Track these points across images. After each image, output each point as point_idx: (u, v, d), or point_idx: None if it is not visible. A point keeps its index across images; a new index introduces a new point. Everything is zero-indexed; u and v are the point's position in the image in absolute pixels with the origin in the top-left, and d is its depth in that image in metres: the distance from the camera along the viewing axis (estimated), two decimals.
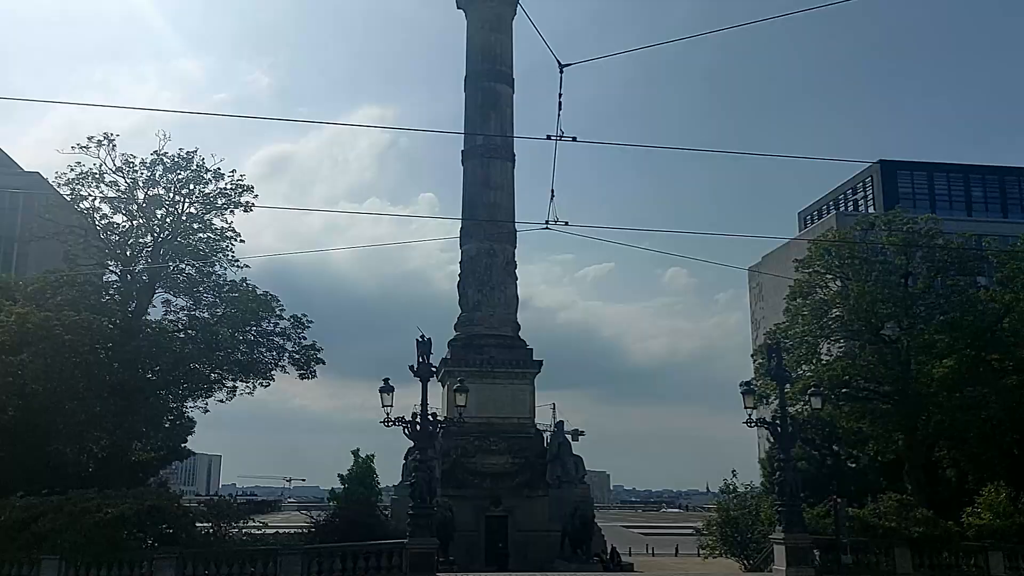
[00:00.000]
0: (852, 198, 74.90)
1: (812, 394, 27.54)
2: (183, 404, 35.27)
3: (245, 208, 33.98)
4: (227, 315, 33.44)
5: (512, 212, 37.98)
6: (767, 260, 70.30)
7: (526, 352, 36.24)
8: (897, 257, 36.22)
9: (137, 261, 33.41)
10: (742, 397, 25.26)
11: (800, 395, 32.18)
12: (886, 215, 39.40)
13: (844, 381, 35.12)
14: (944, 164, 73.80)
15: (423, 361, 24.21)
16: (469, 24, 40.38)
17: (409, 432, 23.88)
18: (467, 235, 37.61)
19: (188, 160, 33.57)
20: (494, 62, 39.22)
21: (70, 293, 30.81)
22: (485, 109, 38.60)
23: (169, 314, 34.03)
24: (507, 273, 37.23)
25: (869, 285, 34.88)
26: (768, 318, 63.57)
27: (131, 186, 33.17)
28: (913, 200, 65.80)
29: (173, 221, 33.45)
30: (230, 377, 33.99)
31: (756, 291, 79.03)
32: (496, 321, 36.39)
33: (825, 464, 37.21)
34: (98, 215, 33.28)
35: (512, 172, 38.62)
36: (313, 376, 35.20)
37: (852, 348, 36.62)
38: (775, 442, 26.22)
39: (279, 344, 34.25)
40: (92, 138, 32.90)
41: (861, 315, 34.95)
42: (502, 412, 34.52)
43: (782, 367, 26.60)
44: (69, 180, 32.97)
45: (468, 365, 34.18)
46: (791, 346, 35.68)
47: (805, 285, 37.32)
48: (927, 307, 35.60)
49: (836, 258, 36.95)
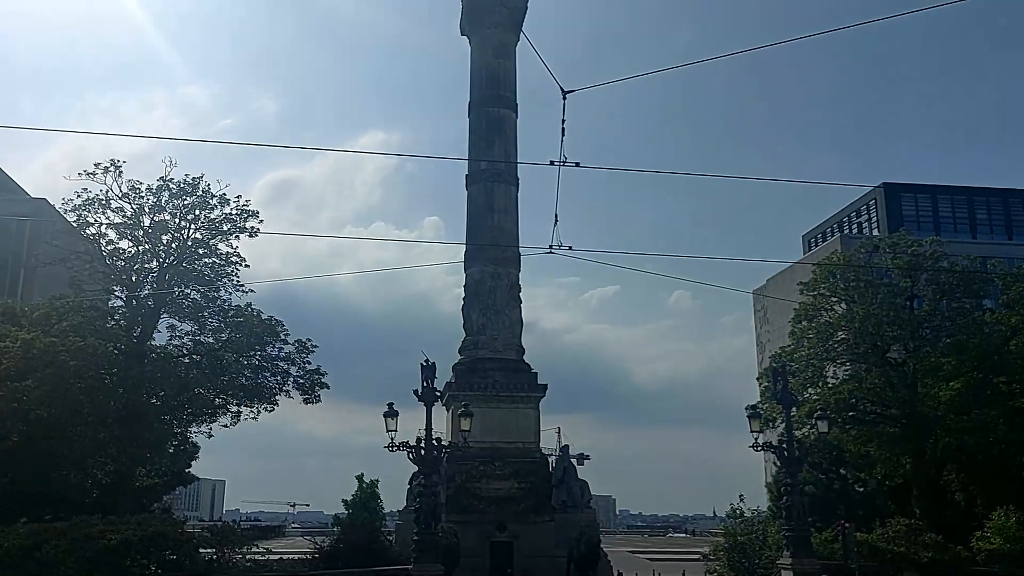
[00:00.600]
0: (856, 221, 74.97)
1: (819, 417, 27.42)
2: (187, 429, 35.29)
3: (250, 233, 34.16)
4: (232, 340, 33.50)
5: (516, 236, 38.09)
6: (772, 283, 70.26)
7: (531, 376, 36.17)
8: (902, 279, 36.19)
9: (142, 286, 33.54)
10: (748, 421, 25.17)
11: (806, 418, 32.04)
12: (890, 238, 39.41)
13: (851, 404, 34.97)
14: (948, 187, 73.89)
15: (427, 386, 24.19)
16: (473, 50, 40.74)
17: (413, 457, 23.82)
18: (471, 259, 37.71)
19: (194, 186, 33.80)
20: (498, 88, 39.52)
21: (76, 318, 30.91)
22: (489, 134, 38.84)
23: (174, 339, 34.13)
24: (511, 296, 37.26)
25: (874, 308, 34.82)
26: (773, 341, 63.42)
27: (137, 212, 33.38)
28: (917, 222, 65.83)
29: (179, 246, 33.62)
30: (234, 402, 34.00)
31: (761, 314, 78.90)
32: (500, 345, 36.36)
33: (832, 488, 36.94)
34: (104, 241, 33.47)
35: (516, 196, 38.78)
36: (317, 401, 35.18)
37: (858, 371, 36.49)
38: (782, 466, 26.07)
39: (283, 369, 34.27)
40: (99, 165, 33.19)
41: (867, 338, 34.88)
42: (507, 436, 34.39)
43: (788, 391, 26.51)
44: (75, 206, 33.20)
45: (472, 389, 34.10)
46: (797, 369, 35.56)
47: (810, 308, 37.29)
48: (933, 329, 35.52)
49: (841, 281, 36.94)
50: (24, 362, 27.79)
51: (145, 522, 24.10)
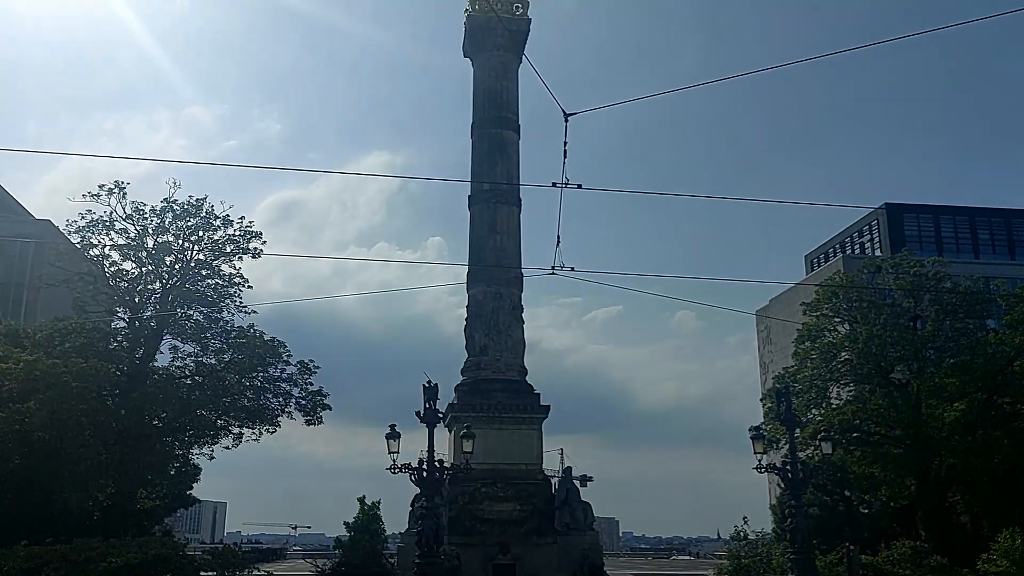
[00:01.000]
0: (858, 241, 74.98)
1: (823, 439, 27.28)
2: (189, 451, 35.20)
3: (253, 254, 34.26)
4: (234, 361, 33.47)
5: (518, 256, 38.16)
6: (774, 303, 70.18)
7: (533, 397, 36.08)
8: (905, 300, 36.13)
9: (145, 308, 33.58)
10: (751, 443, 25.07)
11: (810, 440, 31.88)
12: (893, 258, 39.38)
13: (854, 425, 34.82)
14: (950, 206, 73.93)
15: (429, 407, 24.11)
16: (476, 72, 41.01)
17: (415, 479, 23.70)
18: (474, 279, 37.73)
19: (197, 207, 33.93)
20: (500, 109, 39.74)
21: (78, 340, 30.91)
22: (492, 155, 39.01)
23: (176, 360, 34.10)
24: (514, 317, 37.25)
25: (878, 328, 34.75)
26: (777, 361, 63.23)
27: (141, 233, 33.48)
28: (920, 243, 65.82)
29: (182, 267, 33.69)
30: (236, 423, 33.92)
31: (764, 334, 78.72)
32: (503, 365, 36.31)
33: (837, 510, 36.70)
34: (107, 262, 33.57)
35: (518, 217, 38.88)
36: (320, 422, 35.09)
37: (862, 392, 36.36)
38: (786, 488, 25.92)
39: (286, 390, 34.21)
40: (103, 186, 33.34)
41: (870, 358, 34.77)
42: (509, 458, 34.27)
43: (791, 412, 26.41)
44: (79, 228, 33.33)
45: (475, 410, 34.03)
46: (800, 390, 35.43)
47: (813, 328, 37.21)
48: (937, 350, 35.41)
49: (844, 301, 36.88)
50: (26, 383, 27.78)
51: (146, 545, 24.00)
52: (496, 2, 39.48)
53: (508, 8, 40.14)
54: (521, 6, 40.61)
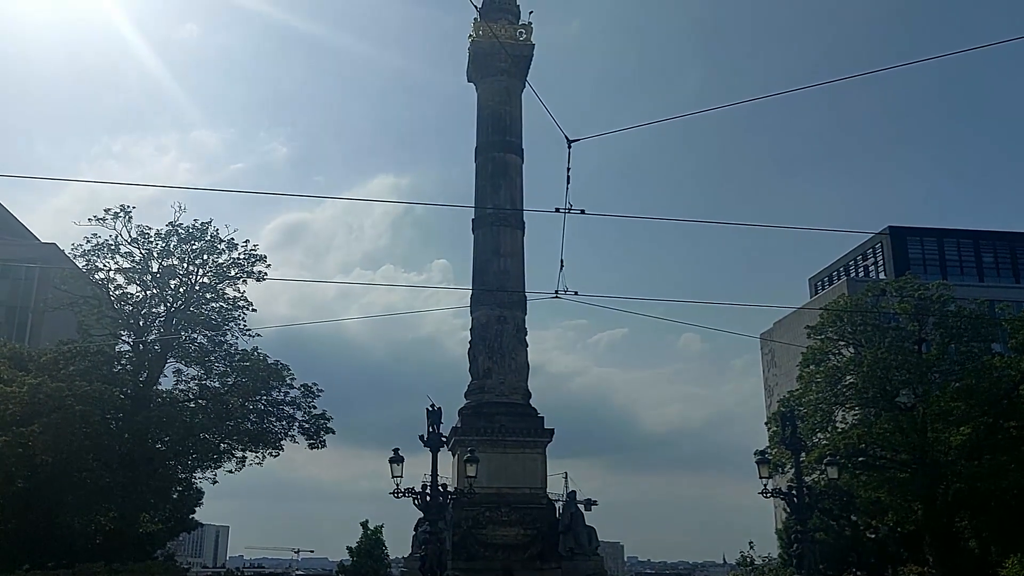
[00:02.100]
0: (862, 264, 74.89)
1: (828, 463, 27.14)
2: (192, 475, 35.07)
3: (258, 278, 34.37)
4: (238, 384, 33.47)
5: (522, 279, 38.21)
6: (779, 326, 70.00)
7: (537, 420, 35.97)
8: (910, 323, 36.05)
9: (150, 331, 33.64)
10: (757, 467, 24.93)
11: (816, 464, 31.71)
12: (897, 281, 39.33)
13: (860, 449, 34.61)
14: (954, 230, 73.87)
15: (433, 431, 24.07)
16: (479, 96, 41.31)
17: (419, 503, 23.61)
18: (477, 302, 37.75)
19: (202, 231, 34.09)
20: (503, 133, 39.97)
21: (82, 363, 30.96)
22: (495, 179, 39.18)
23: (180, 383, 34.13)
24: (518, 340, 37.22)
25: (882, 352, 34.64)
26: (781, 384, 62.99)
27: (146, 257, 33.62)
28: (924, 266, 65.69)
29: (186, 291, 33.78)
30: (239, 447, 33.84)
31: (768, 357, 78.47)
32: (507, 389, 36.23)
33: (843, 535, 36.40)
34: (112, 285, 33.68)
35: (522, 240, 38.97)
36: (323, 446, 35.01)
37: (867, 415, 36.18)
38: (792, 512, 25.74)
39: (289, 413, 34.19)
40: (109, 210, 33.52)
41: (875, 382, 34.64)
42: (513, 482, 34.10)
43: (797, 436, 26.28)
44: (85, 251, 33.50)
45: (479, 434, 33.92)
46: (805, 413, 35.30)
47: (818, 352, 37.12)
48: (942, 374, 35.27)
49: (848, 324, 36.82)
50: (30, 407, 27.80)
51: (148, 569, 23.92)
52: (499, 29, 39.82)
53: (511, 34, 40.48)
54: (524, 32, 40.95)
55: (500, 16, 41.00)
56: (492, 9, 41.28)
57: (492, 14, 40.87)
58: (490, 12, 41.01)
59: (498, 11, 41.29)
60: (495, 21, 40.30)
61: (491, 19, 40.43)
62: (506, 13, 41.55)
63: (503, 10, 41.55)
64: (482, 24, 40.30)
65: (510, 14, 41.72)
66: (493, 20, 40.32)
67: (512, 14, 41.80)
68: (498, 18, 40.78)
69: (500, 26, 40.16)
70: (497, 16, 40.87)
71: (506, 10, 41.69)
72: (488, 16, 40.62)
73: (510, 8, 41.98)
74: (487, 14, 40.77)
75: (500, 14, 41.15)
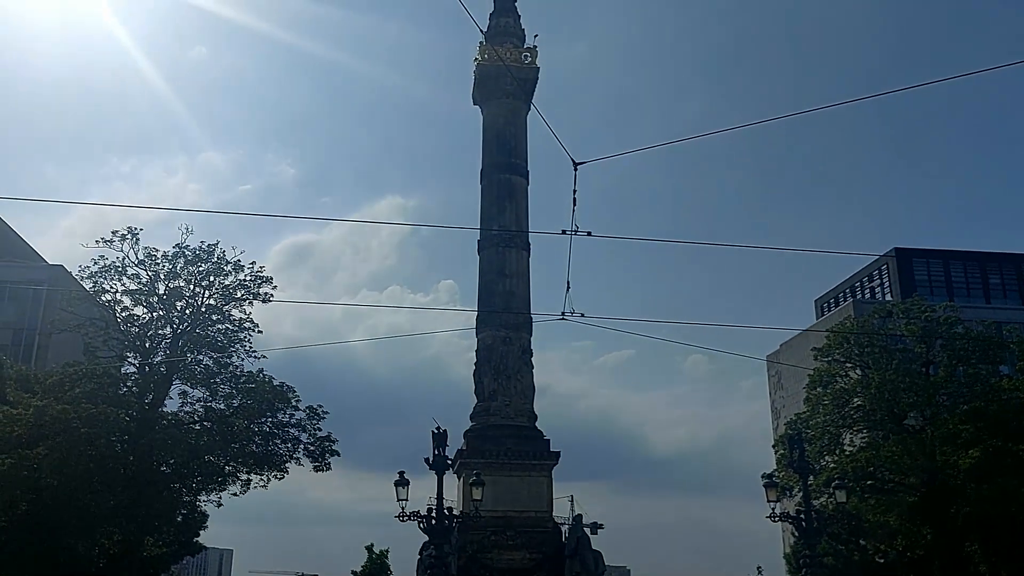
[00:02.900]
0: (868, 286, 74.75)
1: (837, 487, 26.95)
2: (196, 497, 34.93)
3: (264, 299, 34.42)
4: (243, 406, 33.41)
5: (528, 301, 38.18)
6: (785, 348, 69.77)
7: (543, 443, 35.81)
8: (917, 345, 35.94)
9: (156, 353, 33.66)
10: (764, 490, 24.77)
11: (824, 487, 31.50)
12: (904, 303, 39.28)
13: (869, 472, 34.41)
14: (960, 251, 73.77)
15: (438, 454, 24.01)
16: (485, 119, 41.53)
17: (424, 527, 23.50)
18: (483, 323, 37.72)
19: (209, 252, 34.19)
20: (509, 155, 40.13)
21: (88, 385, 30.95)
22: (500, 200, 39.30)
23: (185, 405, 34.04)
24: (523, 362, 37.14)
25: (890, 374, 34.51)
26: (788, 407, 62.71)
27: (152, 279, 33.69)
28: (930, 287, 65.53)
29: (192, 313, 33.83)
30: (244, 470, 33.72)
31: (775, 379, 78.15)
32: (512, 411, 36.10)
33: (852, 560, 36.07)
34: (119, 307, 33.73)
35: (528, 261, 39.00)
36: (328, 468, 34.84)
37: (875, 438, 35.99)
38: (800, 537, 25.54)
39: (294, 436, 34.06)
40: (116, 232, 33.65)
41: (883, 404, 34.49)
42: (519, 505, 33.89)
43: (804, 459, 26.16)
44: (92, 273, 33.59)
45: (484, 457, 33.77)
46: (813, 436, 35.12)
47: (825, 374, 37.01)
48: (950, 396, 35.12)
49: (855, 346, 36.72)
50: (36, 429, 27.79)
51: None
52: (505, 52, 40.11)
53: (516, 57, 40.76)
54: (529, 56, 41.23)
55: (505, 40, 41.31)
56: (497, 33, 41.60)
57: (497, 38, 41.18)
58: (495, 36, 41.32)
59: (503, 35, 41.60)
60: (500, 44, 40.60)
61: (496, 43, 40.73)
62: (511, 37, 41.87)
63: (508, 34, 41.87)
64: (487, 48, 40.60)
65: (515, 37, 42.04)
66: (498, 44, 40.62)
67: (517, 37, 42.11)
68: (503, 42, 41.08)
69: (505, 49, 40.45)
70: (502, 40, 41.18)
71: (511, 34, 42.01)
72: (493, 40, 40.92)
73: (515, 32, 42.30)
74: (492, 38, 41.08)
75: (505, 38, 41.46)
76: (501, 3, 42.77)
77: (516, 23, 42.61)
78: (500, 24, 42.09)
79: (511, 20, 42.45)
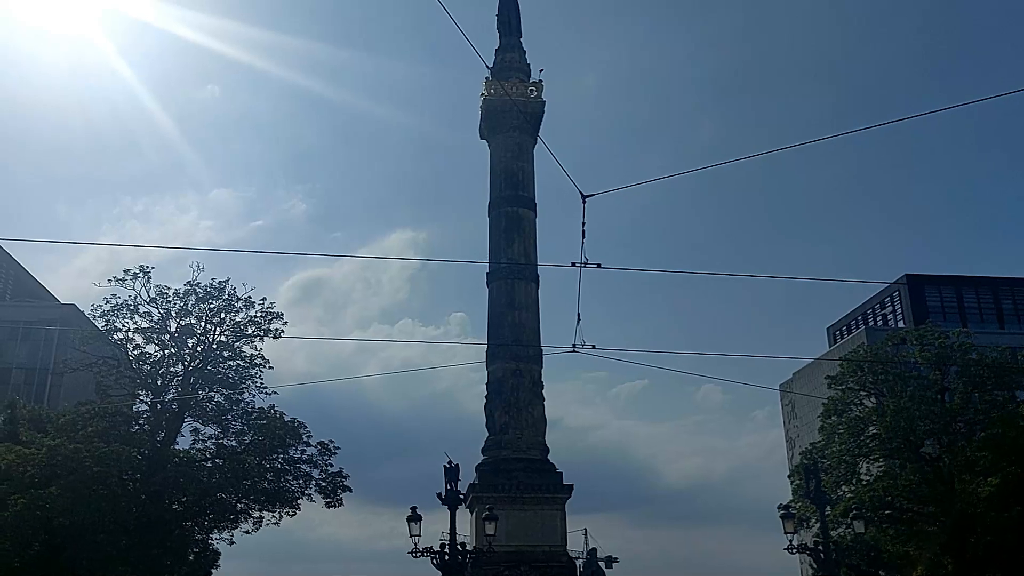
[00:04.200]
0: (880, 312, 74.39)
1: (854, 517, 26.64)
2: (208, 536, 34.74)
3: (274, 335, 34.49)
4: (254, 443, 33.34)
5: (537, 332, 38.16)
6: (798, 377, 69.34)
7: (556, 476, 35.58)
8: (931, 372, 35.64)
9: (167, 390, 33.70)
10: (781, 521, 24.48)
11: (842, 518, 31.08)
12: (917, 330, 39.01)
13: (886, 502, 33.95)
14: (972, 277, 73.43)
15: (451, 488, 23.88)
16: (492, 153, 41.88)
17: (438, 563, 23.29)
18: (493, 356, 37.67)
19: (220, 289, 34.37)
20: (516, 188, 40.40)
21: (100, 424, 30.97)
22: (508, 233, 39.47)
23: (197, 443, 33.98)
24: (534, 394, 37.03)
25: (905, 401, 34.20)
26: (803, 436, 62.13)
27: (164, 316, 33.86)
28: (943, 313, 65.15)
29: (204, 350, 33.92)
30: (256, 507, 33.56)
31: (789, 408, 77.57)
32: (524, 444, 35.93)
33: None
34: (131, 346, 33.86)
35: (536, 293, 39.05)
36: (340, 504, 34.64)
37: (892, 467, 35.56)
38: (818, 569, 25.19)
39: (306, 472, 33.93)
40: (128, 271, 33.89)
41: (899, 432, 34.13)
42: (532, 539, 33.61)
43: (821, 490, 25.89)
44: (104, 312, 33.78)
45: (496, 491, 33.57)
46: (829, 466, 34.75)
47: (839, 402, 36.71)
48: (967, 423, 34.74)
49: (869, 374, 36.45)
50: (48, 469, 27.77)
51: None
52: (511, 87, 40.58)
53: (523, 92, 41.22)
54: (535, 90, 41.70)
55: (511, 75, 41.82)
56: (503, 68, 42.12)
57: (503, 73, 41.68)
58: (501, 71, 41.83)
59: (509, 70, 42.12)
60: (506, 80, 41.09)
61: (502, 78, 41.20)
62: (517, 72, 42.38)
63: (514, 69, 42.39)
64: (494, 83, 41.08)
65: (521, 73, 42.54)
66: (504, 79, 41.10)
67: (523, 72, 42.62)
68: (509, 77, 41.57)
69: (511, 84, 40.93)
70: (508, 75, 41.68)
71: (517, 69, 42.53)
72: (499, 75, 41.40)
73: (521, 67, 42.83)
74: (498, 73, 41.57)
75: (511, 73, 41.97)
76: (506, 39, 43.37)
77: (521, 58, 43.16)
78: (505, 60, 42.64)
79: (516, 55, 43.01)
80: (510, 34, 43.51)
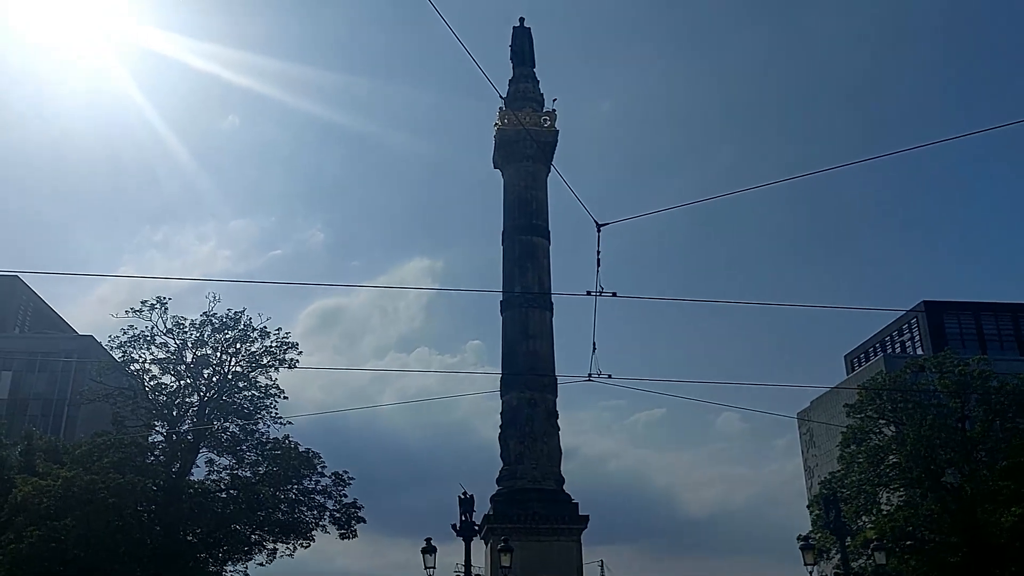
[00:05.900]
0: (899, 340, 73.75)
1: (875, 548, 26.21)
2: (223, 567, 34.62)
3: (289, 365, 34.58)
4: (269, 473, 33.32)
5: (552, 361, 37.97)
6: (816, 405, 68.72)
7: (571, 506, 35.22)
8: (952, 400, 35.21)
9: (183, 421, 33.79)
10: (801, 553, 24.11)
11: (862, 549, 30.62)
12: (936, 357, 38.61)
13: (908, 532, 33.42)
14: (991, 303, 72.77)
15: (466, 519, 23.72)
16: (506, 182, 42.03)
17: None
18: (507, 386, 37.49)
19: (236, 320, 34.56)
20: (530, 217, 40.45)
21: (116, 455, 31.07)
22: (522, 261, 39.45)
23: (212, 473, 33.99)
24: (549, 424, 36.78)
25: (925, 430, 33.78)
26: (822, 465, 61.43)
27: (180, 347, 34.05)
28: (961, 340, 64.53)
29: (219, 380, 34.03)
30: (270, 538, 33.43)
31: (807, 437, 76.76)
32: (539, 474, 35.63)
33: None
34: (147, 376, 34.06)
35: (551, 321, 38.92)
36: (354, 536, 34.47)
37: (913, 496, 35.04)
38: None
39: (320, 503, 33.84)
40: (145, 302, 34.20)
41: (920, 461, 33.68)
42: (547, 571, 33.16)
43: (841, 520, 25.50)
44: (121, 343, 34.03)
45: (511, 521, 33.24)
46: (848, 496, 34.29)
47: (858, 431, 36.29)
48: (988, 452, 34.25)
49: (888, 402, 36.06)
50: (63, 500, 27.83)
51: None
52: (524, 116, 40.81)
53: (536, 121, 41.44)
54: (548, 119, 41.93)
55: (525, 104, 42.08)
56: (517, 98, 42.41)
57: (517, 102, 41.97)
58: (515, 100, 42.12)
59: (523, 99, 42.40)
60: (520, 109, 41.34)
61: (516, 107, 41.48)
62: (531, 101, 42.64)
63: (528, 98, 42.66)
64: (507, 112, 41.35)
65: (534, 102, 42.81)
66: (518, 108, 41.37)
67: (536, 102, 42.89)
68: (523, 106, 41.83)
69: (525, 114, 41.17)
70: (522, 104, 41.94)
71: (531, 98, 42.80)
72: (513, 104, 41.68)
73: (534, 96, 43.10)
74: (512, 102, 41.85)
75: (525, 102, 42.23)
76: (519, 69, 43.69)
77: (535, 88, 43.44)
78: (519, 89, 42.92)
79: (530, 85, 43.29)
80: (523, 64, 43.83)
